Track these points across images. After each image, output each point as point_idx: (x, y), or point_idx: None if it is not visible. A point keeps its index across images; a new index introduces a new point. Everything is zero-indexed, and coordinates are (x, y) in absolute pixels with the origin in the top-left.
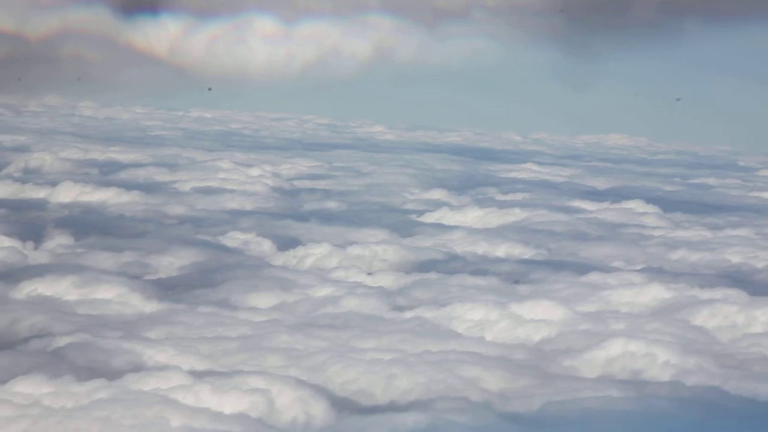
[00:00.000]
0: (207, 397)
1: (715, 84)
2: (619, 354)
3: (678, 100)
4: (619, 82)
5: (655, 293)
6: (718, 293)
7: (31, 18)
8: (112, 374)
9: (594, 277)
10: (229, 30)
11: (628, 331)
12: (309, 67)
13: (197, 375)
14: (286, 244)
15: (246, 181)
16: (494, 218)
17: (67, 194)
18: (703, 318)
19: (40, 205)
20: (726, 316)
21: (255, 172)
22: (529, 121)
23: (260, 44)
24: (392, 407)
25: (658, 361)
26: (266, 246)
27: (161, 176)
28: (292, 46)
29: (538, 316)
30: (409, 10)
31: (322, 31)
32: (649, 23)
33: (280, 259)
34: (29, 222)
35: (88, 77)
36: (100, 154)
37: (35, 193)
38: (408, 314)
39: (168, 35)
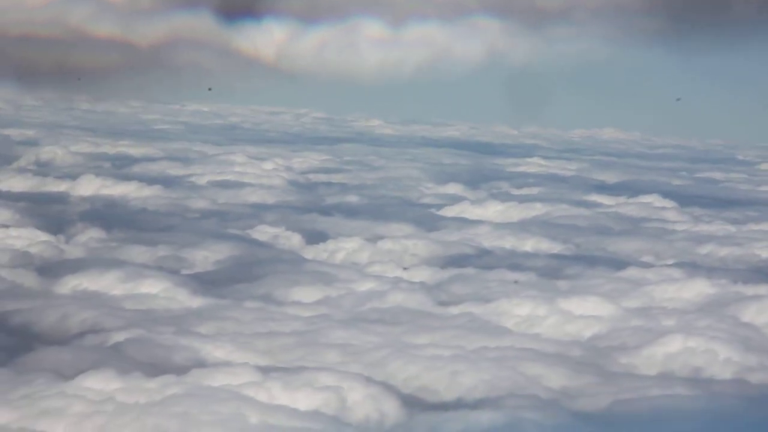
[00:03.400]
0: (279, 394)
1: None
2: (678, 351)
3: (678, 99)
4: (608, 76)
5: (699, 289)
6: (762, 289)
7: (135, 25)
8: (177, 370)
9: (632, 272)
10: (337, 34)
11: (681, 328)
12: (420, 70)
13: (262, 371)
14: (315, 237)
15: (262, 174)
16: (515, 212)
17: (88, 187)
18: (751, 314)
19: (62, 198)
20: None
21: (268, 165)
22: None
23: (370, 48)
24: (460, 404)
25: (719, 358)
26: (296, 240)
27: (175, 170)
28: (402, 50)
29: (587, 312)
30: (512, 12)
31: (430, 34)
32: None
33: (310, 252)
34: (55, 215)
35: (202, 83)
36: (110, 147)
37: (55, 186)
38: (454, 309)
39: (274, 40)
